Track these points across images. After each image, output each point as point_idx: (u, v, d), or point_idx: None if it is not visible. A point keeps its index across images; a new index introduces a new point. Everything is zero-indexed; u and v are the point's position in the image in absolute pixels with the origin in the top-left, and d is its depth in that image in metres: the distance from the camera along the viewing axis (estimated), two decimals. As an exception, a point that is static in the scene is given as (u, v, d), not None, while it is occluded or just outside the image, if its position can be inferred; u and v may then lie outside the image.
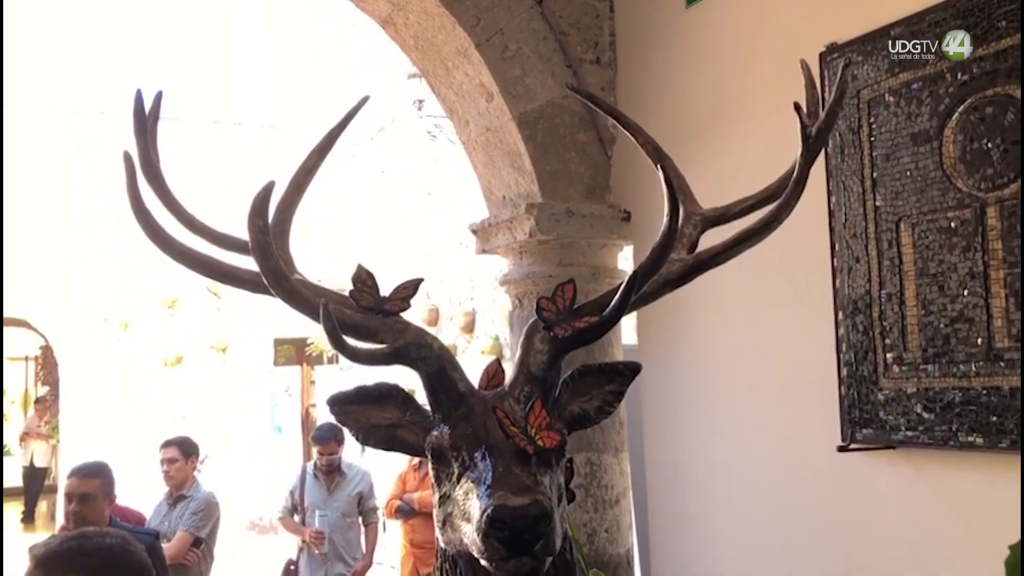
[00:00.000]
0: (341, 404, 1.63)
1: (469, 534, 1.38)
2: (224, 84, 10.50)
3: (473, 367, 1.68)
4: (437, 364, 1.58)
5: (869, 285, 2.61)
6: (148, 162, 1.81)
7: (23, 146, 9.97)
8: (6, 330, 11.86)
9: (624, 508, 3.55)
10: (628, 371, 1.72)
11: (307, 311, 1.61)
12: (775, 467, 2.93)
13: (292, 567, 5.50)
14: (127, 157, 1.73)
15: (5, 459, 14.11)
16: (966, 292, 2.37)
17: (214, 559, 5.21)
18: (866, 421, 2.60)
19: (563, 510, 1.51)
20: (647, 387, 3.54)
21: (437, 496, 1.54)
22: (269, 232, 1.58)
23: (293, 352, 12.00)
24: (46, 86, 10.14)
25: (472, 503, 1.38)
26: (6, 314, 10.29)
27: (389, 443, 1.65)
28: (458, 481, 1.47)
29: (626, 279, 1.52)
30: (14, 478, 13.30)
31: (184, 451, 5.04)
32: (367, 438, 1.65)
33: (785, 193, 1.70)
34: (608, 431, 3.51)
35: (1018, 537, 1.35)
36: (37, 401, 14.19)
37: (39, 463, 12.93)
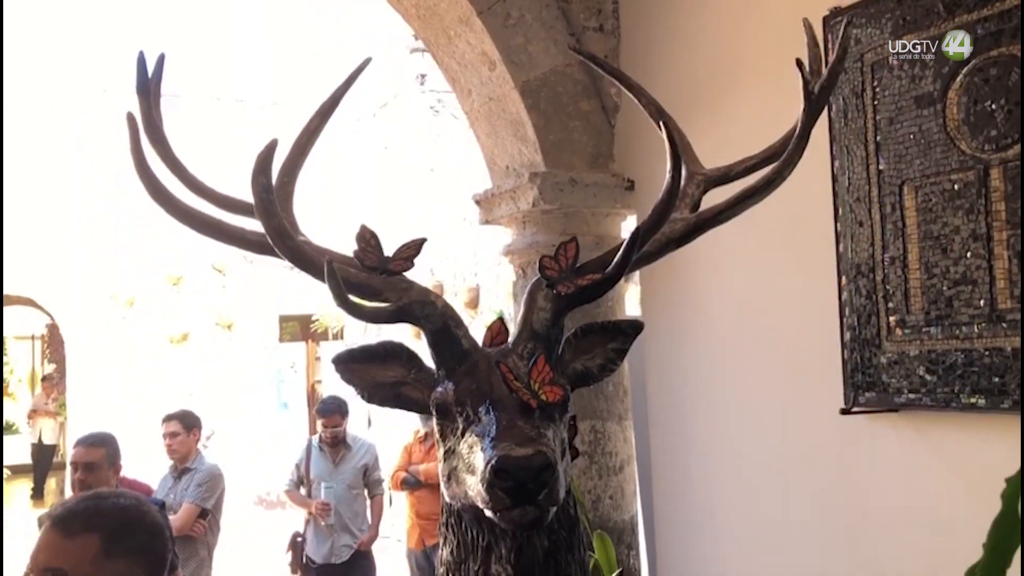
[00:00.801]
0: (346, 363, 1.65)
1: (474, 486, 1.39)
2: (225, 61, 10.48)
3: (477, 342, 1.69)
4: (441, 321, 1.59)
5: (872, 249, 2.61)
6: (151, 125, 1.81)
7: (27, 126, 9.98)
8: (13, 309, 11.92)
9: (628, 475, 3.57)
10: (631, 329, 1.73)
11: (311, 270, 1.62)
12: (778, 431, 2.95)
13: (299, 539, 5.55)
14: (130, 118, 1.73)
15: (14, 437, 14.25)
16: (969, 254, 2.37)
17: (220, 530, 5.25)
18: (869, 384, 2.61)
19: (566, 464, 1.53)
20: (651, 355, 3.56)
21: (442, 451, 1.56)
22: (273, 191, 1.59)
23: (298, 329, 12.05)
24: (48, 64, 10.13)
25: (476, 456, 1.40)
26: (12, 293, 10.33)
27: (394, 401, 1.66)
28: (462, 436, 1.48)
29: (628, 236, 1.53)
30: (23, 455, 13.43)
31: (186, 424, 5.08)
32: (372, 396, 1.66)
33: (788, 150, 1.70)
34: (612, 399, 3.54)
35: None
36: (44, 379, 14.28)
37: (47, 440, 13.03)
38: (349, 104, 1.96)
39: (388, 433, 8.07)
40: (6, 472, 11.92)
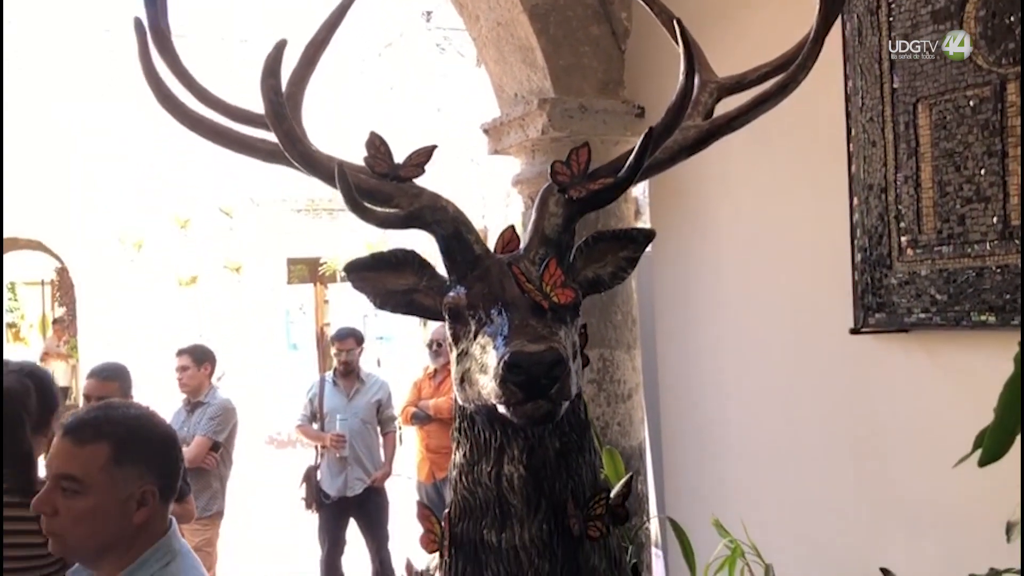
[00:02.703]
0: (358, 271, 1.65)
1: (487, 384, 1.40)
2: (229, 1, 10.34)
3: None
4: (452, 226, 1.59)
5: (885, 169, 2.59)
6: (159, 34, 1.79)
7: (33, 69, 9.90)
8: (22, 253, 11.96)
9: (636, 402, 3.60)
10: (642, 237, 1.73)
11: (322, 175, 1.61)
12: (787, 353, 2.96)
13: (314, 471, 5.63)
14: (138, 24, 1.72)
15: (27, 380, 14.37)
16: (983, 171, 2.35)
17: (233, 464, 5.34)
18: (879, 305, 2.61)
19: (577, 366, 1.54)
20: (660, 281, 3.56)
21: (455, 354, 1.57)
22: (283, 94, 1.58)
23: (307, 271, 12.09)
24: (50, 4, 10.01)
25: (489, 355, 1.41)
26: (21, 236, 10.36)
27: (407, 307, 1.67)
28: (475, 338, 1.49)
29: (641, 138, 1.51)
30: (36, 398, 13.56)
31: (196, 359, 5.14)
32: (384, 303, 1.67)
33: (802, 54, 1.68)
34: (621, 328, 3.55)
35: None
36: (55, 322, 14.39)
37: (60, 382, 13.11)
38: (353, 44, 1.92)
39: (398, 374, 8.13)
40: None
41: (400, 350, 10.29)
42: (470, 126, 4.62)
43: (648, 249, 3.87)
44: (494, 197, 8.15)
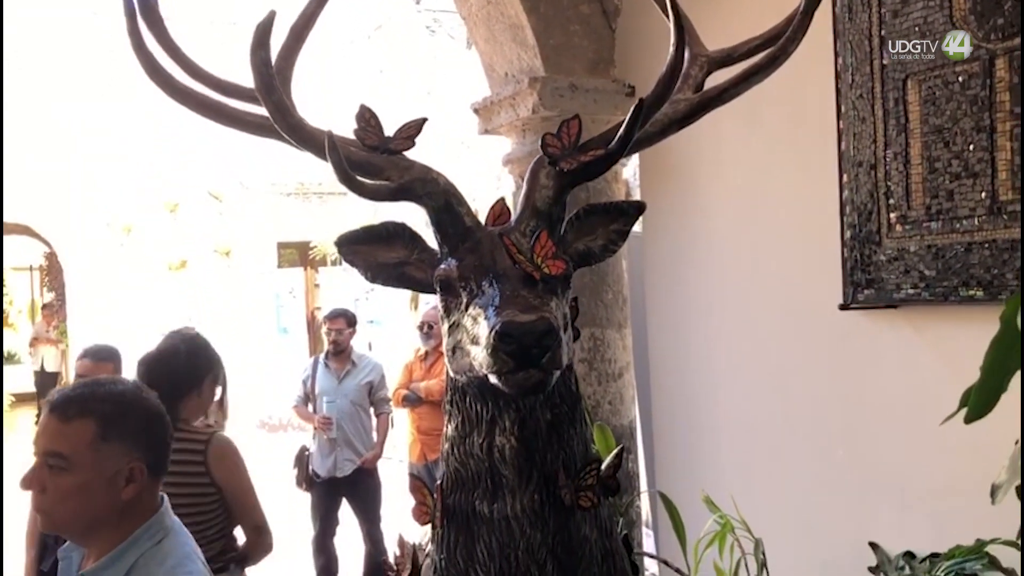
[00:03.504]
0: (349, 244, 1.65)
1: (478, 355, 1.41)
2: (218, -18, 10.27)
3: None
4: (443, 199, 1.59)
5: (874, 146, 2.60)
6: (148, 8, 1.78)
7: (22, 52, 9.81)
8: (10, 238, 11.89)
9: (627, 381, 3.61)
10: (632, 210, 1.73)
11: (312, 147, 1.61)
12: (776, 330, 2.98)
13: (306, 453, 5.64)
14: (126, -2, 1.70)
15: (16, 367, 14.38)
16: (972, 147, 2.36)
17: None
18: (868, 282, 2.63)
19: (568, 338, 1.54)
20: (650, 261, 3.58)
21: (446, 327, 1.57)
22: (272, 66, 1.57)
23: (297, 255, 12.06)
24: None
25: (481, 325, 1.41)
26: (9, 221, 10.29)
27: (398, 280, 1.67)
28: (466, 309, 1.49)
29: (631, 110, 1.51)
30: (27, 384, 13.56)
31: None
32: (376, 276, 1.67)
33: (792, 26, 1.68)
34: (612, 307, 3.55)
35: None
36: (44, 307, 14.34)
37: (50, 368, 13.13)
38: (342, 26, 1.91)
39: (390, 356, 8.13)
40: (10, 399, 12.07)
41: (391, 333, 10.28)
42: (460, 109, 4.62)
43: (638, 229, 3.89)
44: (484, 181, 8.13)
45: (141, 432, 1.73)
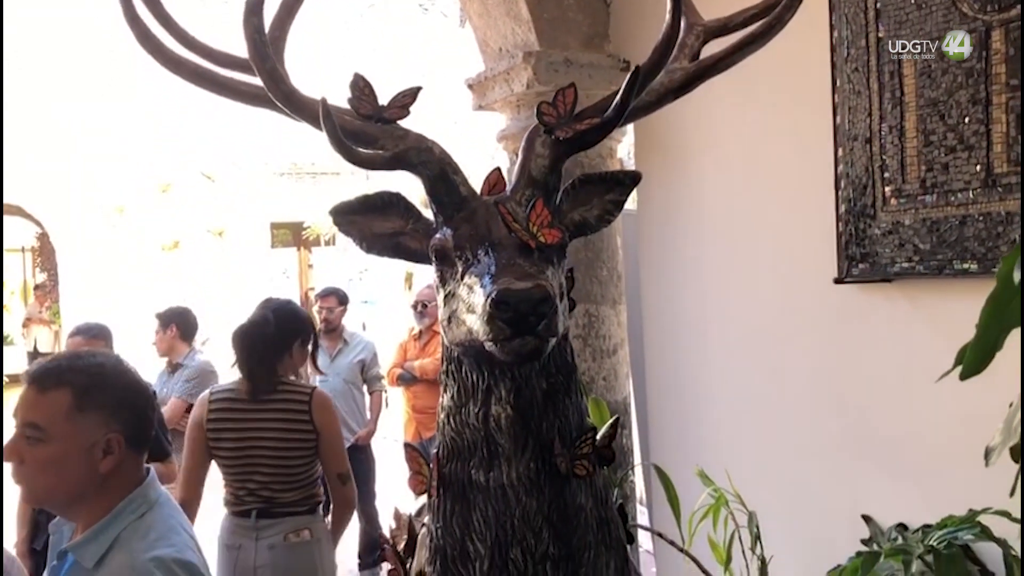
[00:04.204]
0: (344, 214, 1.64)
1: (475, 324, 1.40)
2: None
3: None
4: (438, 167, 1.58)
5: (870, 120, 2.59)
6: (138, -25, 1.76)
7: (12, 33, 9.72)
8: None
9: (621, 358, 3.62)
10: (628, 179, 1.73)
11: (306, 115, 1.60)
12: (771, 304, 2.98)
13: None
14: (117, -35, 1.68)
15: (10, 348, 14.33)
16: (967, 120, 2.35)
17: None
18: (863, 256, 2.63)
19: (564, 307, 1.54)
20: (645, 237, 3.57)
21: (442, 296, 1.57)
22: (265, 34, 1.56)
23: (290, 236, 12.03)
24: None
25: (477, 294, 1.41)
26: (-1, 200, 10.23)
27: (393, 251, 1.67)
28: (462, 278, 1.49)
29: (627, 77, 1.50)
30: (20, 365, 13.52)
31: (162, 322, 5.17)
32: (371, 247, 1.66)
33: (789, -6, 1.67)
34: (606, 284, 3.56)
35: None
36: (37, 288, 14.31)
37: (43, 348, 13.11)
38: (335, 5, 1.89)
39: (381, 338, 8.13)
40: (5, 379, 12.02)
41: (385, 313, 10.27)
42: (454, 87, 4.60)
43: (633, 207, 3.89)
44: (479, 159, 8.11)
45: (119, 404, 1.72)
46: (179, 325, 5.25)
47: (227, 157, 10.89)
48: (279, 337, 3.21)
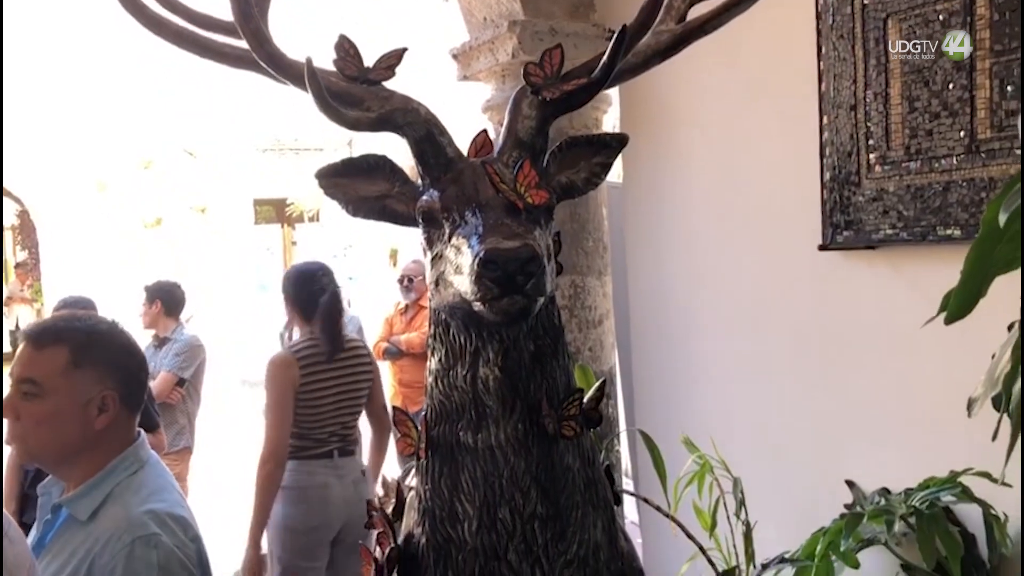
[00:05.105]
0: (329, 177, 1.63)
1: (463, 284, 1.40)
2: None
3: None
4: (425, 129, 1.57)
5: (855, 87, 2.60)
6: (118, -64, 1.73)
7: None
8: (-21, 196, 11.70)
9: (607, 328, 3.63)
10: (615, 142, 1.72)
11: (291, 76, 1.58)
12: (755, 271, 2.99)
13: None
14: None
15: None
16: (951, 86, 2.36)
17: (201, 399, 5.35)
18: (847, 223, 2.64)
19: (552, 269, 1.54)
20: (631, 207, 3.58)
21: (429, 259, 1.56)
22: (249, -8, 1.54)
23: (273, 212, 11.96)
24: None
25: (464, 255, 1.40)
26: (-22, 177, 10.11)
27: (379, 214, 1.66)
28: (449, 239, 1.48)
29: (614, 36, 1.50)
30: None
31: (148, 297, 5.17)
32: (357, 210, 1.65)
33: (776, -45, 1.66)
34: (592, 255, 3.56)
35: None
36: (18, 266, 14.18)
37: (24, 327, 13.02)
38: None
39: (367, 313, 8.12)
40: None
41: (370, 290, 10.25)
42: (438, 61, 4.56)
43: (618, 179, 3.89)
44: (463, 132, 8.08)
45: (114, 363, 1.76)
46: (164, 300, 5.24)
47: (209, 133, 10.80)
48: (308, 301, 3.84)
